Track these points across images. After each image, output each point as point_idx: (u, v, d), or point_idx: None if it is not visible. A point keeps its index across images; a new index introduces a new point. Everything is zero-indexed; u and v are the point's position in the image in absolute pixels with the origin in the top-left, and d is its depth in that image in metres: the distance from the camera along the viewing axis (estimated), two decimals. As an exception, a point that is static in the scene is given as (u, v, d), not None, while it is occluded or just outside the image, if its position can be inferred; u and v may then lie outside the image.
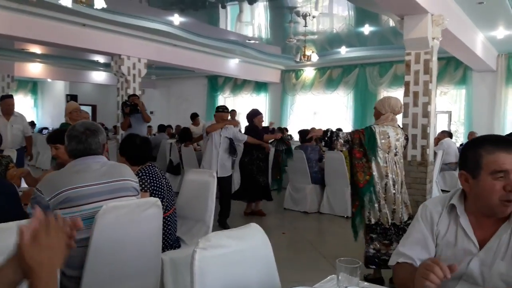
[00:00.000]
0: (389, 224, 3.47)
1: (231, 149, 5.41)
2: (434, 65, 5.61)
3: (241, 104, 14.32)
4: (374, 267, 3.52)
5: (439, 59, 5.91)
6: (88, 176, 2.05)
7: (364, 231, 3.61)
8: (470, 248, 1.44)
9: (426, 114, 5.52)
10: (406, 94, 5.64)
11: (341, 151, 3.81)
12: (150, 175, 2.71)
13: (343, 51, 10.19)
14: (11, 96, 6.06)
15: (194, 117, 9.82)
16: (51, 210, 1.93)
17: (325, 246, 4.80)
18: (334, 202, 6.24)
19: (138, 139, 2.87)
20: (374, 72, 11.26)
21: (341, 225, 5.70)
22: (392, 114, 3.64)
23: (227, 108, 5.58)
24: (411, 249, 1.52)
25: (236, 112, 10.63)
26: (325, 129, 3.63)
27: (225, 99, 14.87)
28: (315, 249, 4.66)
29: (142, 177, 2.65)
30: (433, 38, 5.54)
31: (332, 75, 11.94)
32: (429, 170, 5.57)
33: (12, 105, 5.85)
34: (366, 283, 1.51)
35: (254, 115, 6.12)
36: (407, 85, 5.63)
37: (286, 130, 6.24)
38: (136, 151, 2.81)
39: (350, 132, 3.62)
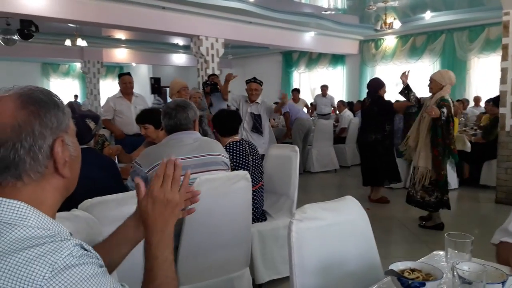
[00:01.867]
0: None
1: (255, 127, 4.88)
2: (539, 24, 5.01)
3: (316, 78, 14.03)
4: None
5: (543, 16, 5.25)
6: (182, 150, 2.16)
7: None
8: None
9: (528, 80, 4.98)
10: (504, 58, 5.13)
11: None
12: (237, 150, 2.76)
13: (428, 16, 9.46)
14: (128, 74, 5.38)
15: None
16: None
17: (413, 222, 4.59)
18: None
19: (225, 111, 3.10)
20: (463, 38, 10.35)
21: (430, 201, 5.41)
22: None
23: (258, 79, 5.02)
24: None
25: (327, 87, 10.30)
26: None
27: (300, 74, 14.67)
28: (403, 224, 4.49)
29: (229, 151, 2.70)
30: (537, -7, 4.94)
31: (415, 43, 11.18)
32: (532, 140, 5.05)
33: (131, 83, 5.23)
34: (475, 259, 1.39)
35: (379, 85, 5.23)
36: (505, 48, 5.11)
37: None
38: (223, 122, 2.91)
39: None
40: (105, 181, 2.11)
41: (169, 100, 5.46)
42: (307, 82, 14.41)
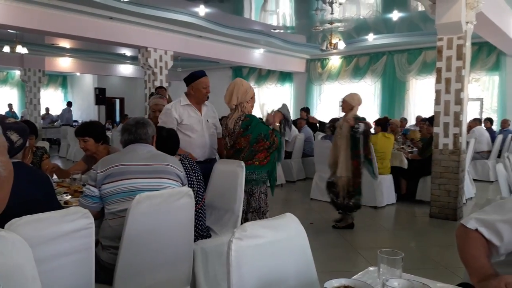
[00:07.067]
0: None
1: None
2: (468, 51, 5.42)
3: (265, 94, 14.25)
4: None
5: (471, 44, 5.70)
6: (133, 157, 2.28)
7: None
8: None
9: (459, 101, 5.35)
10: (438, 81, 5.48)
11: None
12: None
13: (371, 38, 9.97)
14: (204, 73, 3.65)
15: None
16: (100, 184, 2.18)
17: (354, 236, 4.73)
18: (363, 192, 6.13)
19: (165, 131, 2.88)
20: (402, 60, 11.00)
21: (370, 216, 5.61)
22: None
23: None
24: (503, 228, 1.40)
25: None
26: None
27: (249, 89, 14.84)
28: (344, 239, 4.61)
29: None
30: (467, 22, 5.35)
31: (359, 63, 11.73)
32: (462, 158, 5.41)
33: (209, 87, 3.62)
34: (407, 274, 1.45)
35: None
36: (439, 71, 5.47)
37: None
38: (162, 143, 2.80)
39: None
40: (37, 198, 1.99)
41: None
42: (256, 97, 14.55)
